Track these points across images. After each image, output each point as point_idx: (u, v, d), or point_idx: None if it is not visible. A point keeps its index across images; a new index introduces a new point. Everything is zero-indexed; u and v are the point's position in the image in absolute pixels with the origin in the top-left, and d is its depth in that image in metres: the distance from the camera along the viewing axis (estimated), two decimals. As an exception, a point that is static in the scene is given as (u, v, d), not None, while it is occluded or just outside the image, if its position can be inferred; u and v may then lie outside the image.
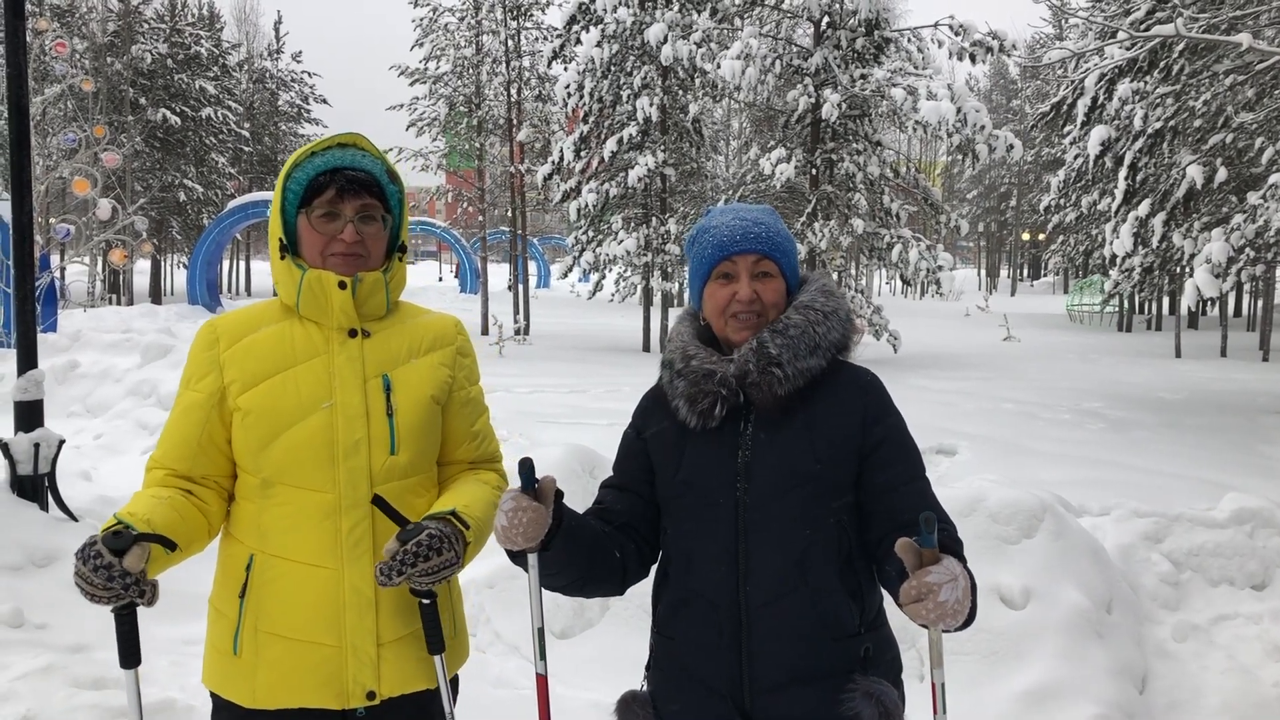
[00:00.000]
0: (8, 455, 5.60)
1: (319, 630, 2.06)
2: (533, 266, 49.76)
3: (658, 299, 23.34)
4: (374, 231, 2.14)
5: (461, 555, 2.02)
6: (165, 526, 1.96)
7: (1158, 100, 14.42)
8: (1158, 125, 14.51)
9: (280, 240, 2.13)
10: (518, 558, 1.94)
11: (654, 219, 22.81)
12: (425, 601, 2.06)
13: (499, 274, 55.77)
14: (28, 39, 5.43)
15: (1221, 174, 13.12)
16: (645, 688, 2.13)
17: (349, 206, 2.10)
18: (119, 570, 1.83)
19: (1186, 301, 12.46)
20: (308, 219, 2.11)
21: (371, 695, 2.09)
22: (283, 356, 2.10)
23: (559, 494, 1.92)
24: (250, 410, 2.07)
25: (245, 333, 2.14)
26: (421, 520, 2.03)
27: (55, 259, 18.69)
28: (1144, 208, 14.66)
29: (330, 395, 2.08)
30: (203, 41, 41.70)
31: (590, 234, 23.67)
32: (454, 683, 2.24)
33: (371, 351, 2.14)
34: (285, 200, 2.12)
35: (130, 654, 1.97)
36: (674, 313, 23.34)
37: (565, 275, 25.72)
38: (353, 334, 2.13)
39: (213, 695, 2.16)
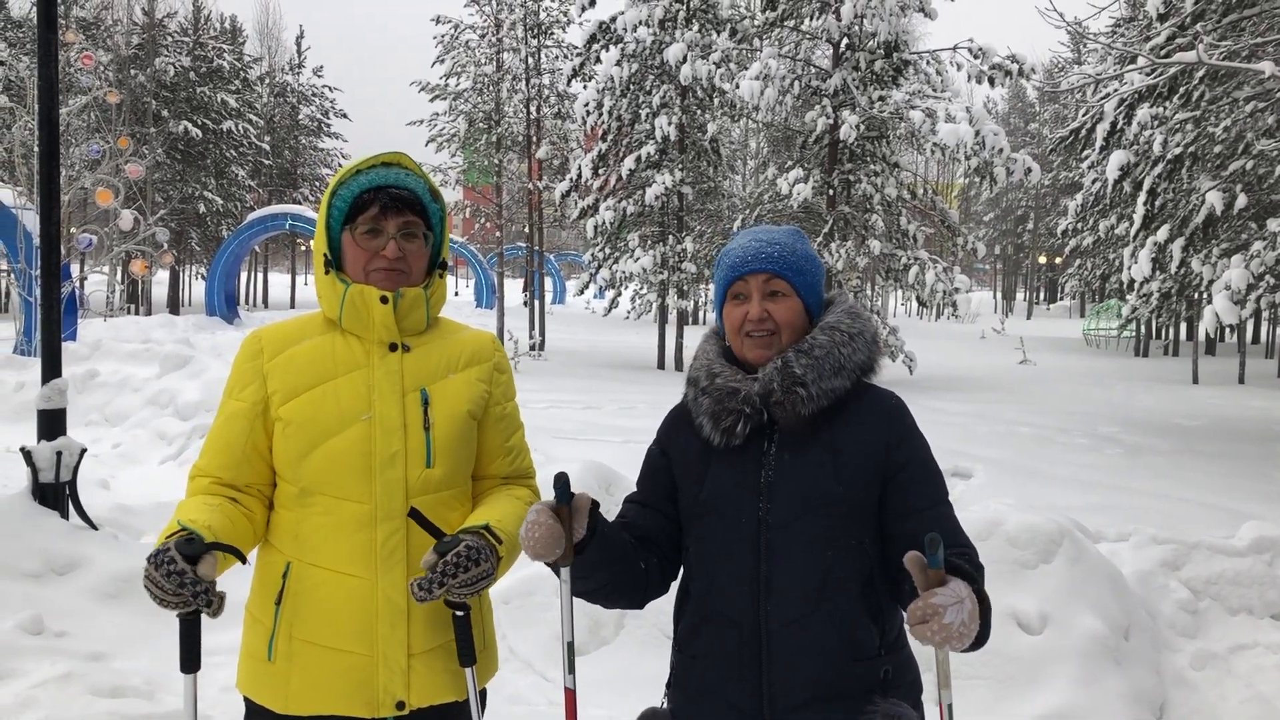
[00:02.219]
0: (30, 463, 5.63)
1: (351, 639, 2.09)
2: (549, 283, 49.84)
3: (673, 317, 23.36)
4: (415, 248, 2.18)
5: (495, 569, 2.05)
6: (224, 535, 2.00)
7: (1177, 126, 14.39)
8: (1177, 151, 14.48)
9: (325, 255, 2.18)
10: (553, 566, 1.98)
11: (670, 237, 22.86)
12: (459, 614, 2.09)
13: (515, 289, 55.90)
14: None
15: (1241, 200, 13.07)
16: (666, 705, 2.13)
17: (391, 223, 2.14)
18: (191, 578, 1.85)
19: (1205, 327, 12.40)
20: (352, 235, 2.16)
21: (401, 705, 2.10)
22: (324, 369, 2.14)
23: (594, 504, 1.95)
24: (291, 420, 2.11)
25: (288, 344, 2.18)
26: (456, 534, 2.05)
27: (75, 268, 18.85)
28: (1163, 233, 14.61)
29: (369, 408, 2.12)
30: (225, 55, 42.09)
31: (607, 251, 23.74)
32: (481, 695, 2.26)
33: (411, 366, 2.17)
34: (330, 216, 2.17)
35: (191, 659, 2.00)
36: (689, 331, 23.42)
37: (581, 292, 25.79)
38: (393, 348, 2.17)
39: (246, 700, 2.19)
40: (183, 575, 1.85)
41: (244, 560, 2.01)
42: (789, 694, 1.93)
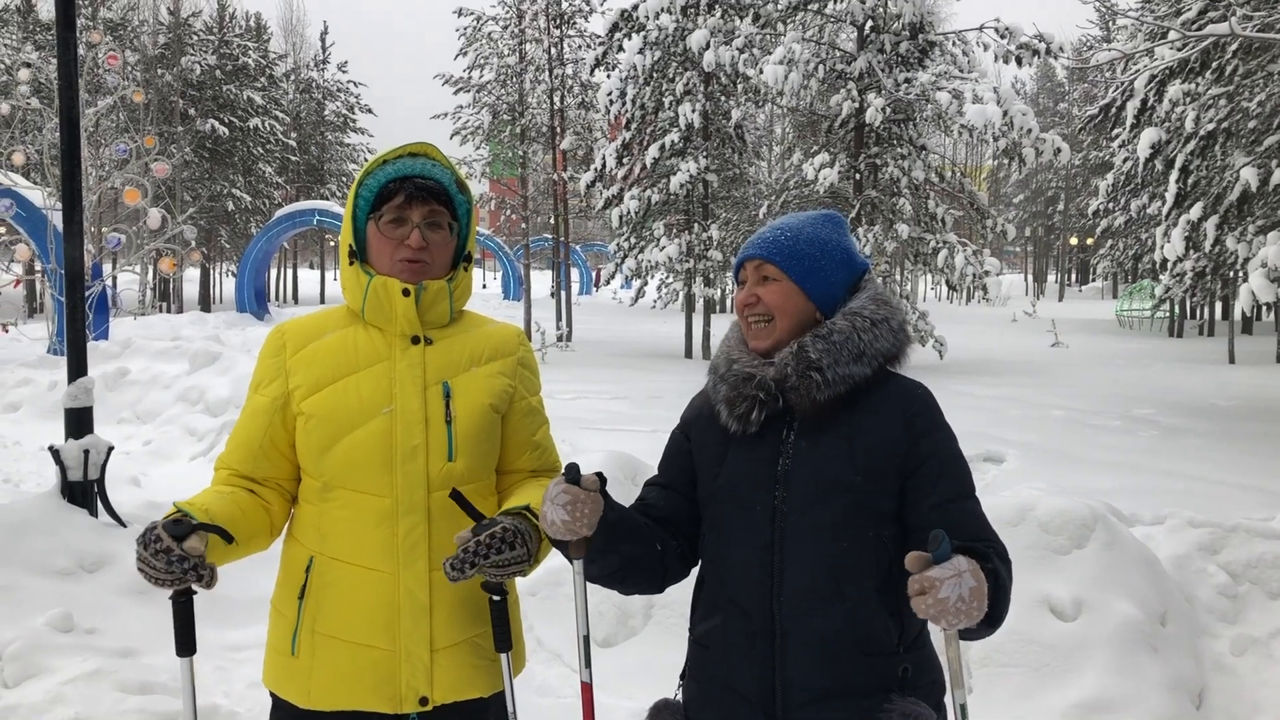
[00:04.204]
0: (58, 461, 5.67)
1: (374, 633, 2.08)
2: (575, 273, 49.85)
3: (700, 305, 23.29)
4: (440, 239, 2.18)
5: (535, 552, 2.03)
6: (225, 518, 2.01)
7: (1210, 101, 14.15)
8: (1210, 127, 14.24)
9: (350, 247, 2.18)
10: (564, 550, 1.96)
11: (696, 225, 22.77)
12: (496, 599, 2.08)
13: (542, 281, 55.99)
14: (81, 52, 5.51)
15: (1277, 176, 12.82)
16: (679, 695, 2.11)
17: (416, 212, 2.14)
18: (178, 554, 1.87)
19: (1241, 306, 12.20)
20: (377, 225, 2.16)
21: (424, 701, 2.10)
22: (346, 362, 2.14)
23: (602, 479, 1.94)
24: (313, 414, 2.11)
25: (311, 338, 2.19)
26: (497, 515, 2.05)
27: (107, 267, 19.02)
28: (1196, 211, 14.38)
29: (391, 400, 2.11)
30: (250, 52, 42.33)
31: (632, 241, 23.69)
32: None
33: (433, 358, 2.16)
34: (356, 207, 2.18)
35: (186, 642, 2.01)
36: (716, 319, 23.34)
37: (608, 282, 25.76)
38: (415, 341, 2.16)
39: (272, 695, 2.20)
40: (169, 552, 1.87)
41: (230, 539, 2.01)
42: (801, 688, 1.88)
